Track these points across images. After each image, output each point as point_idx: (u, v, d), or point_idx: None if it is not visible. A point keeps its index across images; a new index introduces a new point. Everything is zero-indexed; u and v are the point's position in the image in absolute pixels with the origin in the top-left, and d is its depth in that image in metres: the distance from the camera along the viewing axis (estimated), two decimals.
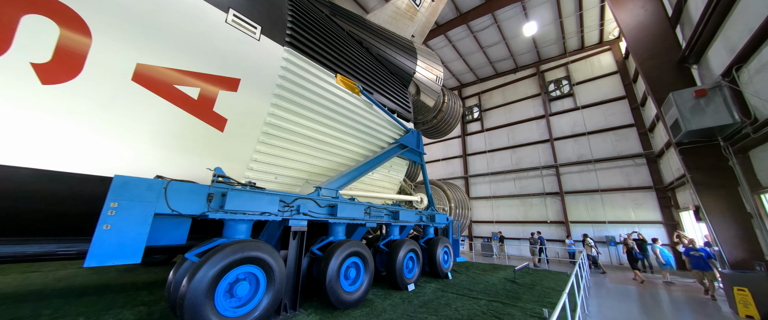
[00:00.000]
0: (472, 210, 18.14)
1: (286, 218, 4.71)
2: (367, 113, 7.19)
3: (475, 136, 20.15)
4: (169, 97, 4.05)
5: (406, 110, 9.16)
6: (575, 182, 15.09)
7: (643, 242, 10.84)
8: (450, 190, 12.52)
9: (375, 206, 6.74)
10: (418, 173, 15.63)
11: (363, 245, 5.75)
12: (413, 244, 7.13)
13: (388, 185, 9.13)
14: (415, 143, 9.19)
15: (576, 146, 15.51)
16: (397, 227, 7.59)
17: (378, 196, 7.95)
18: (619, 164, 13.98)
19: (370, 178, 8.01)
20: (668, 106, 7.04)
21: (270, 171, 5.57)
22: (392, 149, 7.96)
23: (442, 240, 8.46)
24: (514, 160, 17.71)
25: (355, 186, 7.62)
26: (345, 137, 6.77)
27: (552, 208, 15.52)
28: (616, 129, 14.42)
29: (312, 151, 6.13)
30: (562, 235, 14.81)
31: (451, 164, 20.98)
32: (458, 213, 12.35)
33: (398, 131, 8.42)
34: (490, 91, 20.18)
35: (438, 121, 13.64)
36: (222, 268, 3.21)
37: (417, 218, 8.33)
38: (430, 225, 9.00)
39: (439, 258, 8.19)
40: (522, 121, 17.91)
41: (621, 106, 14.56)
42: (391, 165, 8.84)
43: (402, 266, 6.63)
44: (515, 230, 16.53)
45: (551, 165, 15.94)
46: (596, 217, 14.08)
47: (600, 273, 11.27)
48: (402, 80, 10.01)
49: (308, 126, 5.82)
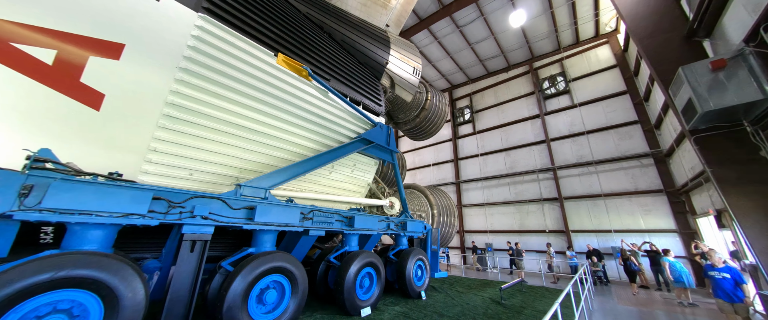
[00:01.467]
0: (465, 219, 16.65)
1: (171, 222, 3.42)
2: (321, 101, 5.99)
3: (466, 139, 18.86)
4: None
5: (376, 102, 7.95)
6: (575, 186, 13.60)
7: (657, 254, 9.26)
8: (433, 195, 11.15)
9: (320, 210, 5.43)
10: (402, 176, 14.24)
11: (289, 258, 4.42)
12: (370, 257, 5.76)
13: (352, 188, 7.81)
14: (385, 139, 7.91)
15: (575, 146, 14.12)
16: (354, 237, 6.27)
17: (335, 199, 6.65)
18: (623, 166, 12.52)
19: (327, 178, 6.73)
20: (678, 85, 5.73)
21: (181, 165, 4.34)
22: (351, 145, 6.71)
23: (415, 253, 7.06)
24: (508, 163, 16.32)
25: (306, 187, 6.34)
26: (290, 128, 5.56)
27: (551, 215, 13.98)
28: (618, 127, 13.05)
29: (242, 143, 4.94)
30: (563, 246, 13.19)
31: (442, 169, 19.62)
32: (443, 221, 10.94)
33: (363, 124, 7.19)
34: (481, 91, 19.05)
35: (421, 120, 12.44)
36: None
37: (383, 225, 6.97)
38: (401, 234, 7.60)
39: (411, 274, 6.83)
40: (516, 121, 16.64)
41: (622, 102, 13.24)
42: (354, 164, 7.56)
43: (353, 285, 5.32)
44: (511, 240, 14.92)
45: (548, 168, 14.51)
46: (600, 225, 12.50)
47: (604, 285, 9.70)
48: (373, 71, 8.85)
49: (235, 112, 4.65)
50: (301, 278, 4.45)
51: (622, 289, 9.89)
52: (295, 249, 5.23)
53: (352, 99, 7.03)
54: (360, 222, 6.16)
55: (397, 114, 12.53)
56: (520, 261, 11.13)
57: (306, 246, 5.37)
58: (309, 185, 6.56)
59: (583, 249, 12.45)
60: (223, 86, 4.43)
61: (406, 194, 11.14)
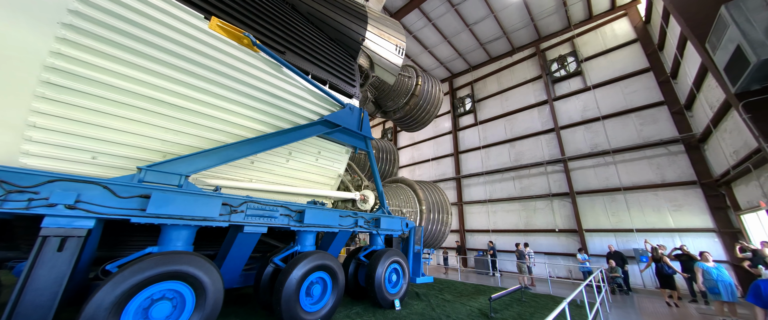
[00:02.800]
0: (466, 217, 15.24)
1: (14, 212, 2.53)
2: (271, 76, 4.97)
3: (468, 130, 17.39)
4: None
5: (347, 82, 6.87)
6: (589, 179, 11.91)
7: (691, 259, 7.59)
8: (423, 189, 9.91)
9: (257, 202, 4.40)
10: (391, 170, 13.16)
11: (196, 260, 3.49)
12: (322, 260, 4.73)
13: (318, 179, 6.73)
14: (356, 123, 6.80)
15: (588, 134, 12.40)
16: (308, 235, 5.25)
17: (295, 191, 5.65)
18: (646, 154, 10.75)
19: (284, 167, 5.73)
20: (720, 31, 4.25)
21: (77, 146, 3.44)
22: (309, 128, 5.68)
23: (389, 254, 6.01)
24: (513, 155, 14.74)
25: (258, 177, 5.38)
26: (227, 105, 4.61)
27: (561, 213, 12.33)
28: (639, 110, 11.27)
29: (162, 121, 3.99)
30: (575, 247, 11.54)
31: (442, 164, 18.23)
32: (433, 219, 9.69)
33: (328, 105, 6.10)
34: (483, 78, 17.51)
35: (412, 108, 11.23)
36: None
37: (348, 221, 5.87)
38: (375, 233, 6.48)
39: (381, 280, 5.83)
40: (521, 109, 15.03)
41: (645, 81, 11.44)
42: (319, 152, 6.49)
43: (296, 294, 4.33)
44: (516, 240, 13.36)
45: (558, 159, 12.86)
46: (620, 224, 10.78)
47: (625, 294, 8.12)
48: (347, 49, 7.72)
49: (149, 83, 3.72)
50: (211, 286, 3.43)
51: (647, 300, 8.25)
52: (232, 251, 4.23)
53: (316, 77, 5.96)
54: (314, 217, 5.07)
55: (385, 102, 11.40)
56: (523, 264, 9.67)
57: (245, 246, 4.35)
58: (261, 174, 5.55)
59: (600, 252, 10.78)
60: (129, 50, 3.45)
61: (392, 189, 9.92)
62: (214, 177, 4.80)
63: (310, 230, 5.19)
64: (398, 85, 10.78)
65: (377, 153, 12.74)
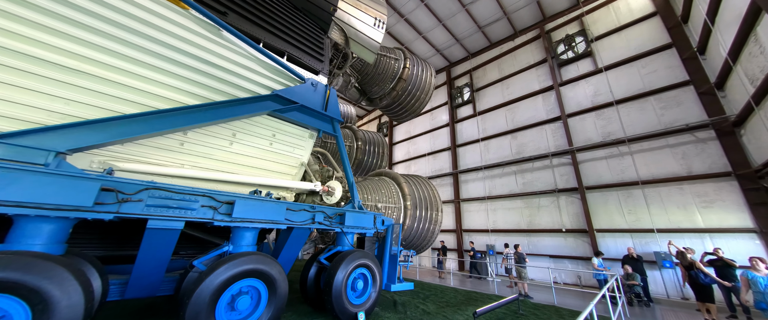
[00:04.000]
0: (464, 215, 13.97)
1: None
2: (204, 40, 4.03)
3: (466, 122, 16.07)
4: None
5: (313, 55, 5.89)
6: (601, 172, 10.47)
7: (728, 265, 6.18)
8: (409, 183, 8.75)
9: (164, 190, 3.36)
10: (380, 164, 12.05)
11: (43, 266, 2.31)
12: (252, 263, 3.81)
13: (272, 167, 5.62)
14: (320, 101, 5.74)
15: (600, 121, 10.96)
16: (245, 232, 4.20)
17: (240, 181, 4.60)
18: (669, 142, 9.27)
19: (226, 152, 4.72)
20: None
21: None
22: (253, 104, 4.70)
23: (354, 257, 5.16)
24: (514, 148, 13.37)
25: (190, 162, 4.38)
26: (139, 70, 3.61)
27: (569, 211, 10.93)
28: (660, 92, 9.79)
29: (47, 85, 3.05)
30: (586, 250, 10.13)
31: (439, 158, 16.96)
32: (420, 216, 8.52)
33: (283, 79, 5.07)
34: (483, 66, 16.16)
35: (400, 93, 10.05)
36: None
37: (302, 217, 4.79)
38: (340, 231, 5.40)
39: (341, 288, 4.83)
40: (524, 97, 13.64)
41: (666, 58, 9.95)
42: (274, 135, 5.40)
43: (210, 305, 3.31)
44: (517, 241, 12.01)
45: (565, 150, 11.44)
46: (638, 223, 9.34)
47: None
48: (316, 19, 6.64)
49: (31, 38, 2.77)
50: (61, 299, 2.38)
51: (672, 313, 6.86)
52: (141, 250, 3.24)
53: (271, 47, 4.90)
54: (248, 210, 3.97)
55: (370, 87, 10.26)
56: (522, 268, 8.36)
57: (157, 245, 3.32)
58: (196, 159, 4.49)
59: (615, 255, 9.36)
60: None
61: (373, 183, 8.73)
62: (130, 160, 3.75)
63: (245, 227, 4.09)
64: (384, 68, 9.64)
65: (364, 146, 11.61)
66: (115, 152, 3.55)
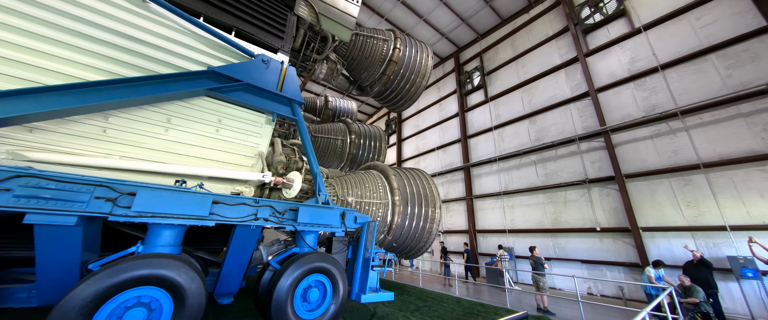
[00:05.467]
0: (477, 214, 12.31)
1: None
2: (130, 14, 3.62)
3: (477, 110, 14.36)
4: None
5: (269, 30, 5.22)
6: (646, 154, 8.32)
7: None
8: (400, 176, 7.63)
9: (41, 177, 2.64)
10: (377, 159, 10.99)
11: None
12: (157, 267, 2.83)
13: (221, 157, 4.83)
14: (274, 80, 4.94)
15: (641, 93, 8.81)
16: (164, 231, 3.49)
17: (169, 171, 3.89)
18: (742, 110, 6.98)
19: (162, 140, 4.08)
20: None
21: None
22: (181, 81, 4.05)
23: (307, 260, 4.32)
24: (533, 133, 11.46)
25: (125, 152, 3.76)
26: (51, 49, 3.11)
27: (604, 205, 8.86)
28: (724, 46, 7.50)
29: None
30: (630, 254, 8.03)
31: (449, 152, 15.37)
32: (412, 214, 7.34)
33: (227, 55, 4.40)
34: (494, 46, 14.37)
35: (391, 78, 8.99)
36: None
37: (243, 212, 3.94)
38: (293, 228, 4.50)
39: (287, 299, 3.90)
40: (543, 74, 11.69)
41: (729, 4, 7.64)
42: (220, 120, 4.63)
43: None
44: (540, 243, 10.09)
45: (596, 131, 9.39)
46: (701, 218, 7.13)
47: None
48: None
49: None
50: None
51: None
52: (36, 250, 2.63)
53: (214, 21, 4.40)
54: (155, 203, 3.15)
55: (359, 73, 9.27)
56: (539, 276, 6.65)
57: (49, 244, 2.67)
58: (124, 148, 3.84)
59: (671, 261, 7.23)
60: None
61: (359, 177, 7.63)
62: (43, 150, 3.17)
63: (157, 223, 3.25)
64: (371, 51, 8.59)
65: (358, 139, 10.62)
66: (23, 140, 2.97)
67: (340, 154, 10.67)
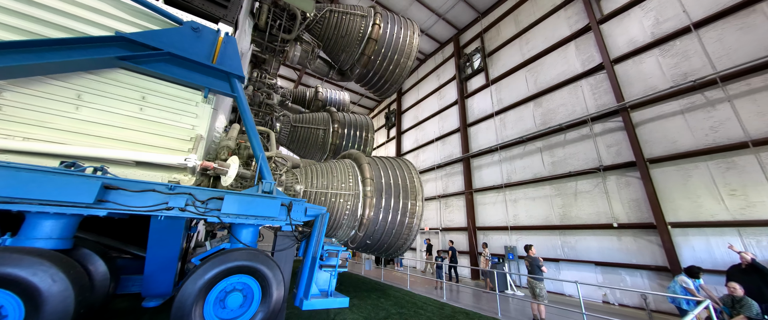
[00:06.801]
0: (477, 209, 11.12)
1: None
2: None
3: (477, 96, 13.04)
4: None
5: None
6: (675, 133, 6.79)
7: None
8: (375, 165, 6.78)
9: None
10: (365, 151, 10.16)
11: None
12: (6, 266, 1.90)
13: (152, 141, 4.11)
14: (206, 52, 4.20)
15: (667, 59, 7.24)
16: (40, 222, 2.78)
17: (80, 154, 3.26)
18: None
19: (73, 119, 3.42)
20: None
21: None
22: (80, 48, 3.42)
23: (227, 259, 3.53)
24: (539, 117, 10.05)
25: (15, 130, 3.20)
26: None
27: (622, 196, 7.40)
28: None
29: None
30: (656, 255, 6.56)
31: (448, 143, 14.15)
32: (387, 207, 6.43)
33: (146, 22, 3.76)
34: (496, 24, 12.95)
35: (371, 57, 8.11)
36: None
37: (149, 201, 3.20)
38: (217, 221, 3.73)
39: (192, 305, 3.09)
40: (549, 49, 10.23)
41: None
42: (143, 97, 3.96)
43: None
44: (547, 242, 8.74)
45: (612, 109, 7.90)
46: (747, 210, 5.57)
47: None
48: None
49: None
50: None
51: None
52: None
53: None
54: (20, 187, 2.50)
55: (337, 55, 8.50)
56: (536, 282, 5.44)
57: None
58: (28, 129, 3.25)
59: (709, 265, 5.73)
60: None
61: (328, 167, 6.75)
62: None
63: (27, 211, 2.62)
64: (347, 28, 7.74)
65: (341, 129, 9.80)
66: None
67: (322, 145, 9.86)
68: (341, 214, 5.74)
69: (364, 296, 7.12)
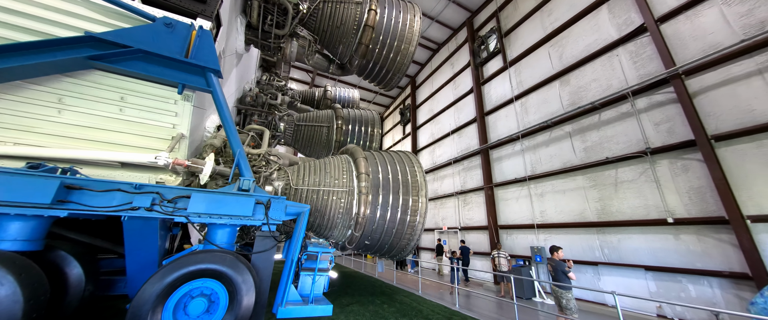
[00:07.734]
0: (498, 205, 10.06)
1: None
2: None
3: (494, 81, 11.81)
4: None
5: None
6: (749, 103, 5.23)
7: None
8: (373, 159, 6.40)
9: None
10: (372, 147, 9.80)
11: None
12: None
13: (134, 142, 4.21)
14: (179, 47, 4.12)
15: (736, 7, 5.65)
16: (5, 222, 2.76)
17: (64, 156, 3.39)
18: None
19: (55, 122, 3.67)
20: None
21: None
22: (49, 50, 3.71)
23: (189, 261, 3.19)
24: (566, 98, 8.68)
25: (18, 138, 3.53)
26: None
27: (680, 184, 5.94)
28: None
29: None
30: (731, 259, 5.10)
31: (465, 136, 13.06)
32: (387, 204, 5.99)
33: (117, 20, 3.83)
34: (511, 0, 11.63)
35: (368, 46, 7.75)
36: None
37: (114, 200, 3.30)
38: (184, 221, 3.59)
39: (150, 313, 2.83)
40: (576, 18, 8.80)
41: None
42: (123, 97, 4.07)
43: None
44: (582, 241, 7.42)
45: (661, 77, 6.42)
46: None
47: None
48: None
49: None
50: None
51: None
52: None
53: None
54: None
55: (334, 47, 8.23)
56: (562, 290, 4.45)
57: None
58: (12, 134, 3.47)
59: None
60: None
61: (323, 162, 6.36)
62: None
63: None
64: (340, 16, 7.37)
65: (345, 125, 9.46)
66: None
67: (326, 142, 9.54)
68: (335, 213, 5.26)
69: (367, 301, 6.56)
